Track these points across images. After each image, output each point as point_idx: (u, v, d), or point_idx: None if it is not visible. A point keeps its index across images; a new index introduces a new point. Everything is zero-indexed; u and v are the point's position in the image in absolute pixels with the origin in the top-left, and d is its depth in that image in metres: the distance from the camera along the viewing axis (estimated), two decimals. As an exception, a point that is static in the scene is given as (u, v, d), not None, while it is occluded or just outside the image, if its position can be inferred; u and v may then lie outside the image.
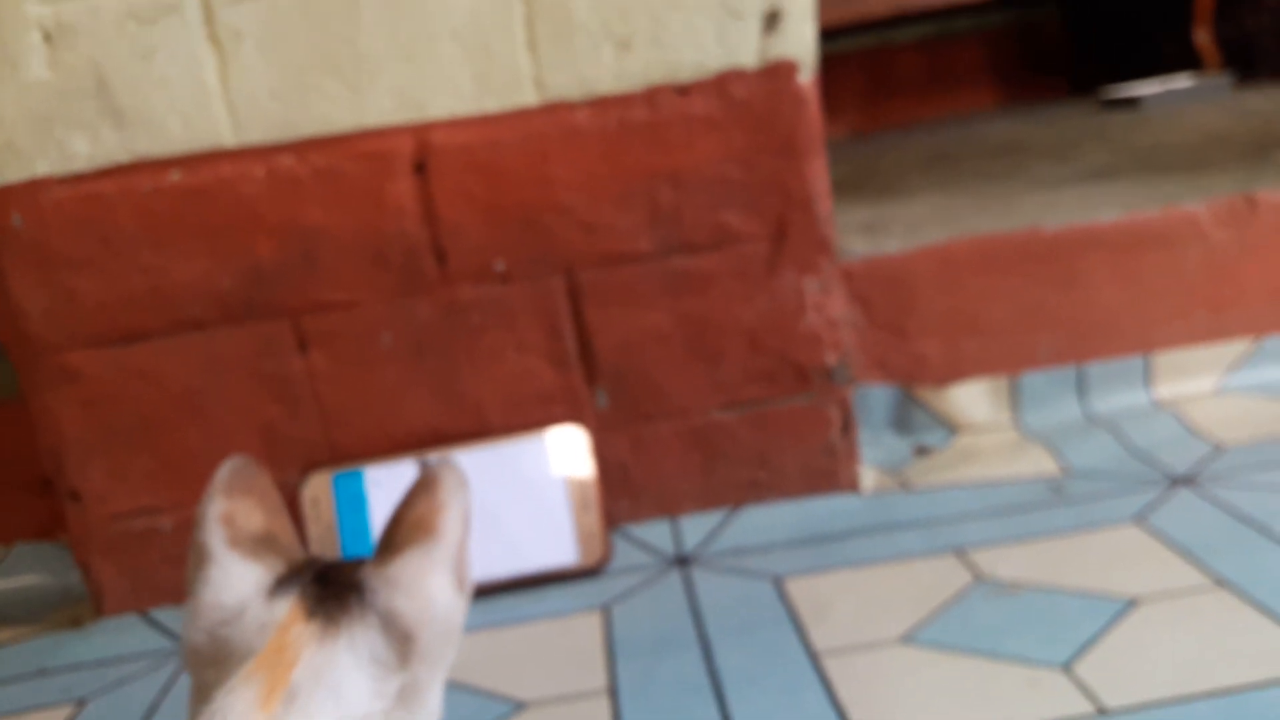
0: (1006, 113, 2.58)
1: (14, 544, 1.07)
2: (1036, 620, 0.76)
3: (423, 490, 0.52)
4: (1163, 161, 1.43)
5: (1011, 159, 1.71)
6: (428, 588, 0.49)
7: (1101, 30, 2.75)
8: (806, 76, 0.93)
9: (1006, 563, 0.85)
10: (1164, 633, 0.73)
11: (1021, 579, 0.82)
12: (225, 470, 0.52)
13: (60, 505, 0.98)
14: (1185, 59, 2.47)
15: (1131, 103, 2.19)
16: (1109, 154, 1.59)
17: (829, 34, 2.59)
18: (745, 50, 0.92)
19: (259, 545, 0.50)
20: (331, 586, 0.49)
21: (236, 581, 0.48)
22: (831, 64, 2.72)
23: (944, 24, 2.82)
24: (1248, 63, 2.36)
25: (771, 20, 0.91)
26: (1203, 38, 2.45)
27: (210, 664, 0.47)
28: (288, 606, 0.47)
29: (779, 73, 0.92)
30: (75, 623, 0.99)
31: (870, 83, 2.80)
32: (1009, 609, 0.78)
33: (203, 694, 0.46)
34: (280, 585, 0.48)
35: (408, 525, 0.51)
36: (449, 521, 0.51)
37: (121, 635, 0.95)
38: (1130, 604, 0.77)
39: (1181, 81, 2.25)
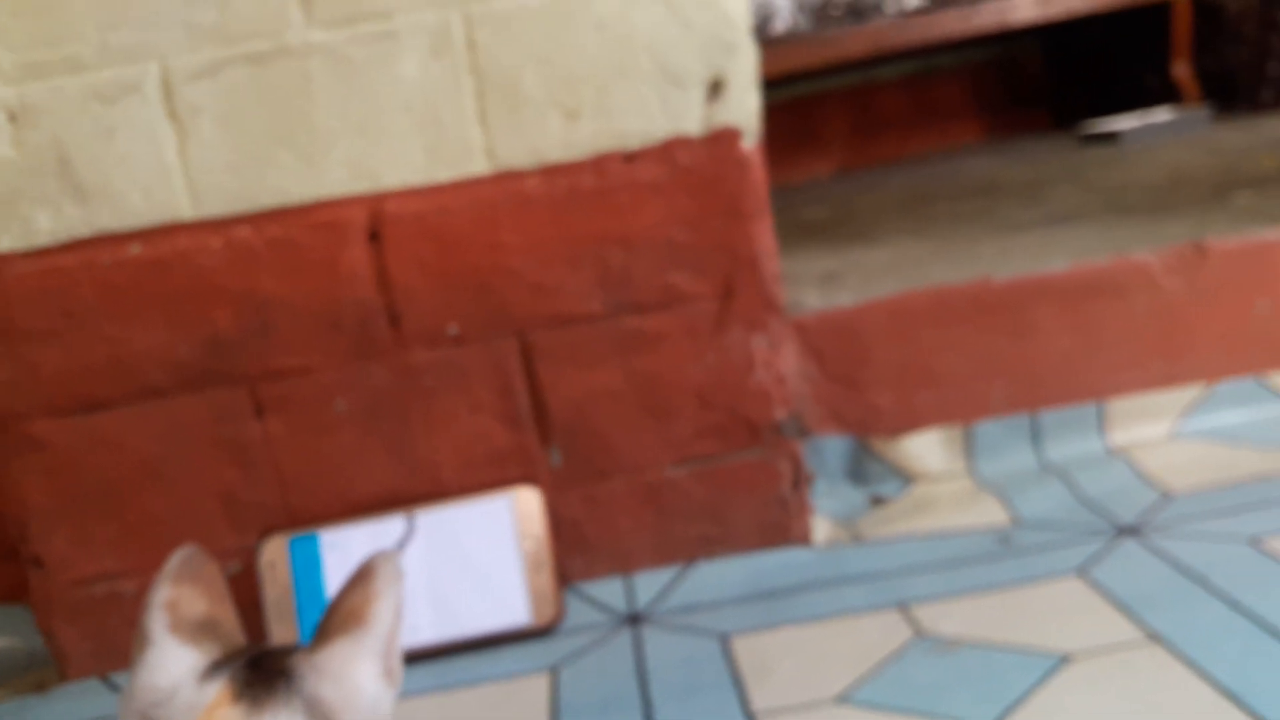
0: (989, 148, 2.61)
1: (-15, 606, 1.09)
2: (970, 678, 0.78)
3: (359, 581, 0.55)
4: (1127, 204, 1.45)
5: (983, 200, 1.74)
6: (354, 676, 0.51)
7: (1082, 64, 2.78)
8: (750, 142, 0.95)
9: (948, 618, 0.86)
10: (1093, 690, 0.74)
11: (961, 635, 0.84)
12: (175, 559, 0.56)
13: (26, 570, 1.00)
14: (1165, 92, 2.49)
15: (1110, 137, 2.21)
16: (1078, 195, 1.61)
17: (812, 74, 2.62)
18: (690, 118, 0.94)
19: (199, 631, 0.53)
20: (261, 672, 0.51)
21: (172, 664, 0.51)
22: (816, 103, 2.77)
23: (927, 61, 2.85)
24: (1227, 95, 2.38)
25: (715, 89, 0.94)
26: (1181, 71, 2.47)
27: None
28: (217, 689, 0.50)
29: (723, 139, 0.95)
30: (40, 687, 1.00)
31: (855, 121, 2.83)
32: (945, 667, 0.80)
33: (133, 773, 0.48)
34: (214, 669, 0.51)
35: (341, 614, 0.54)
36: (380, 612, 0.54)
37: (83, 699, 0.97)
38: (1063, 660, 0.78)
39: (1161, 115, 2.27)
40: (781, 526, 1.01)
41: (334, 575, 0.95)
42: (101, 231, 0.94)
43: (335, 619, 0.54)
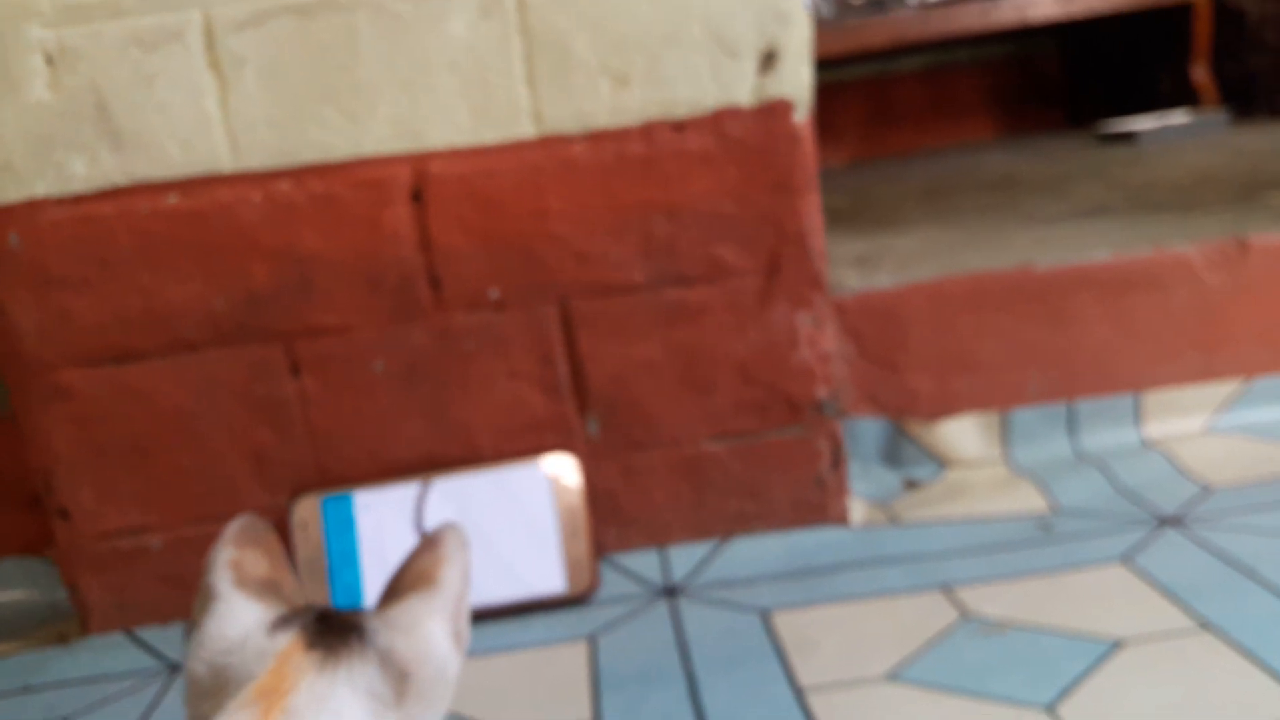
0: (1004, 144, 2.60)
1: (1, 559, 1.07)
2: (1022, 660, 0.77)
3: (426, 547, 0.55)
4: (1155, 200, 1.44)
5: (1006, 193, 1.73)
6: (426, 631, 0.51)
7: (1099, 64, 2.78)
8: (802, 115, 0.94)
9: (993, 601, 0.85)
10: (1148, 675, 0.73)
11: (1008, 617, 0.83)
12: (236, 525, 0.55)
13: (49, 522, 0.99)
14: (1182, 95, 2.49)
15: (1128, 137, 2.21)
16: (1103, 191, 1.60)
17: (830, 63, 2.61)
18: (741, 89, 0.93)
19: (264, 589, 0.52)
20: (332, 624, 0.50)
21: (241, 615, 0.50)
22: (832, 93, 2.75)
23: (944, 55, 2.84)
24: (1246, 100, 2.38)
25: (768, 60, 0.92)
26: (1201, 74, 2.47)
27: (209, 694, 0.48)
28: (288, 639, 0.49)
29: (774, 111, 0.93)
30: (61, 639, 0.99)
31: (870, 112, 2.81)
32: (995, 648, 0.79)
33: (199, 725, 0.47)
34: (283, 622, 0.50)
35: (410, 577, 0.53)
36: (450, 574, 0.53)
37: (107, 653, 0.95)
38: (1115, 645, 0.77)
39: (1178, 117, 2.27)
40: (819, 506, 1.00)
41: (367, 536, 0.93)
42: (139, 180, 0.92)
43: (404, 581, 0.54)
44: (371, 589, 0.92)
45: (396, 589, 0.53)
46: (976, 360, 1.09)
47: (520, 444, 0.97)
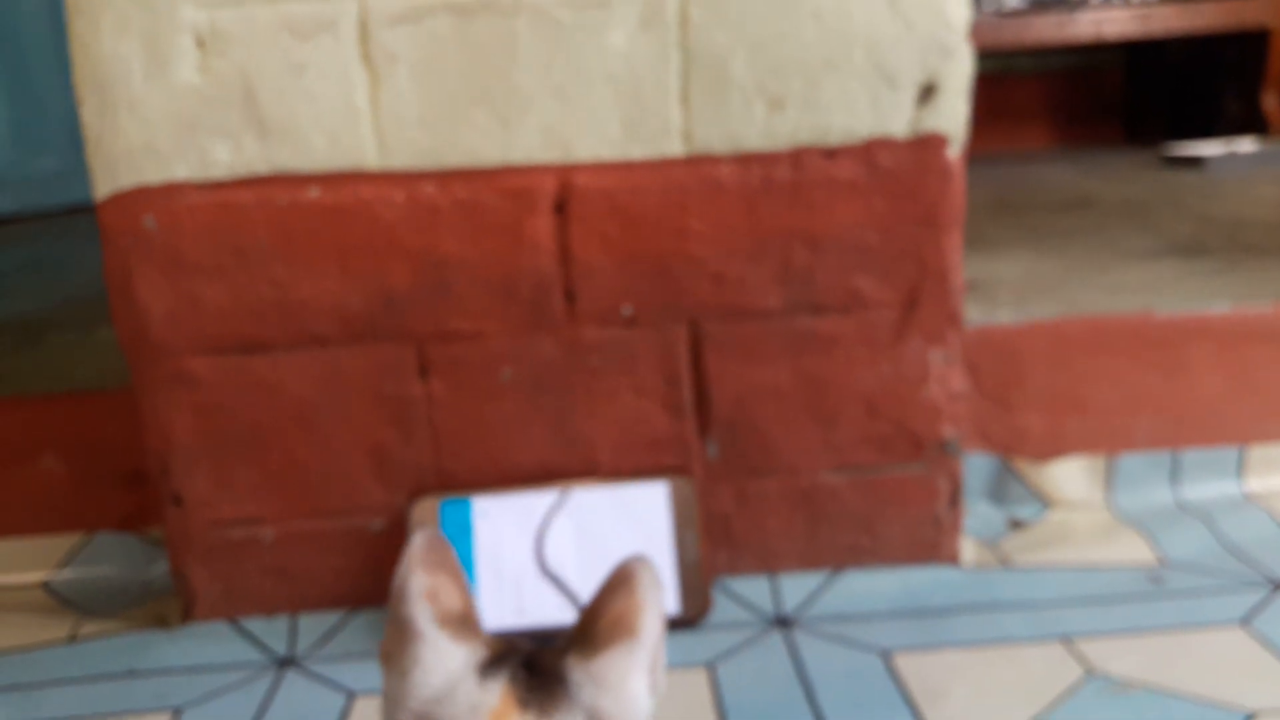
0: (1064, 157, 2.58)
1: (96, 533, 1.07)
2: (1157, 728, 0.77)
3: (620, 586, 0.53)
4: (1252, 241, 1.43)
5: (1085, 216, 1.72)
6: (630, 689, 0.50)
7: (1163, 84, 2.75)
8: (955, 151, 0.93)
9: (1116, 658, 0.85)
10: (1289, 756, 0.73)
11: (1133, 677, 0.83)
12: (419, 543, 0.53)
13: (149, 498, 0.98)
14: (1249, 121, 2.47)
15: (1194, 162, 2.19)
16: (1192, 224, 1.59)
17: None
18: (897, 120, 0.92)
19: (462, 626, 0.51)
20: (540, 676, 0.49)
21: (447, 659, 0.49)
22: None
23: (1005, 62, 2.82)
24: (1312, 132, 2.36)
25: (927, 93, 0.91)
26: (1271, 102, 2.45)
27: None
28: (499, 692, 0.48)
29: (928, 145, 0.92)
30: (161, 622, 0.98)
31: (928, 113, 2.77)
32: (1125, 710, 0.79)
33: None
34: (490, 667, 0.49)
35: (607, 621, 0.52)
36: (649, 623, 0.52)
37: (213, 642, 0.95)
38: (1249, 719, 0.77)
39: (1246, 145, 2.25)
40: (932, 544, 1.00)
41: (484, 542, 0.93)
42: (281, 171, 0.90)
43: (600, 626, 0.52)
44: (486, 599, 0.92)
45: (594, 635, 0.52)
46: (1088, 402, 1.09)
47: (639, 461, 0.97)
